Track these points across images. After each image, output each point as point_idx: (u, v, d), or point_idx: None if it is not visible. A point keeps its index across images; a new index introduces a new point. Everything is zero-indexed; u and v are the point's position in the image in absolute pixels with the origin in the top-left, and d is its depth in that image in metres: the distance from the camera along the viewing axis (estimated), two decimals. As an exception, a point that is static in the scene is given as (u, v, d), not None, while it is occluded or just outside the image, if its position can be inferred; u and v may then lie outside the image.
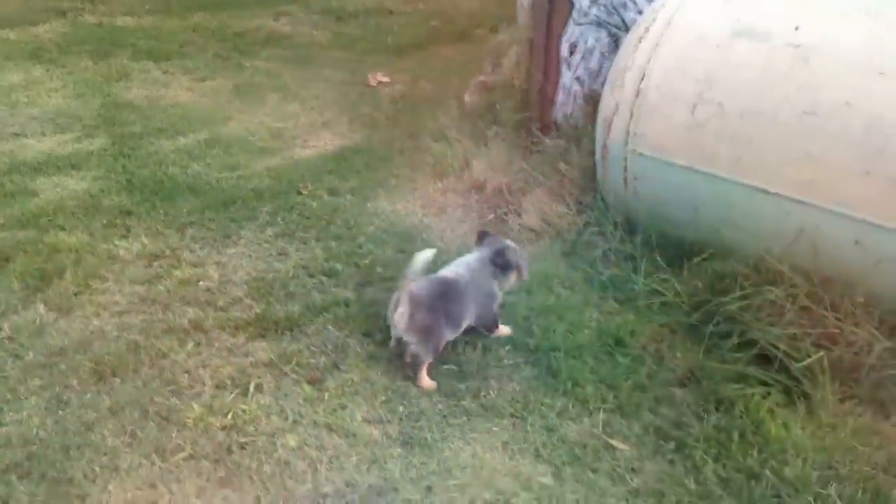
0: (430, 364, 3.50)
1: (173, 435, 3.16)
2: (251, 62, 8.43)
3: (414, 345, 3.45)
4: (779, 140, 3.57)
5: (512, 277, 3.74)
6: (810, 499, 2.87)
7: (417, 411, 3.32)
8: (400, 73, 7.96)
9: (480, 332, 3.75)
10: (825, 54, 3.55)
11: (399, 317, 3.43)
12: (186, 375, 3.50)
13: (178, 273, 4.27)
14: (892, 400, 3.28)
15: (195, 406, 3.30)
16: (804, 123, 3.50)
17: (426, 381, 3.48)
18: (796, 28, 3.66)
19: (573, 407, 3.35)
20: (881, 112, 3.31)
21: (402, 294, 3.43)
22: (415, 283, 3.46)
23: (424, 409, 3.33)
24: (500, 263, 3.69)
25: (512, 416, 3.31)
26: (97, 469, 3.00)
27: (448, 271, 3.66)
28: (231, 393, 3.40)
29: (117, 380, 3.47)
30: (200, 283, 4.20)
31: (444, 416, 3.31)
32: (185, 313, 3.92)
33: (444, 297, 3.51)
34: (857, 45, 3.51)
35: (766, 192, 3.61)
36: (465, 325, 3.62)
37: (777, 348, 3.40)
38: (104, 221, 4.82)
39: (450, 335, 3.55)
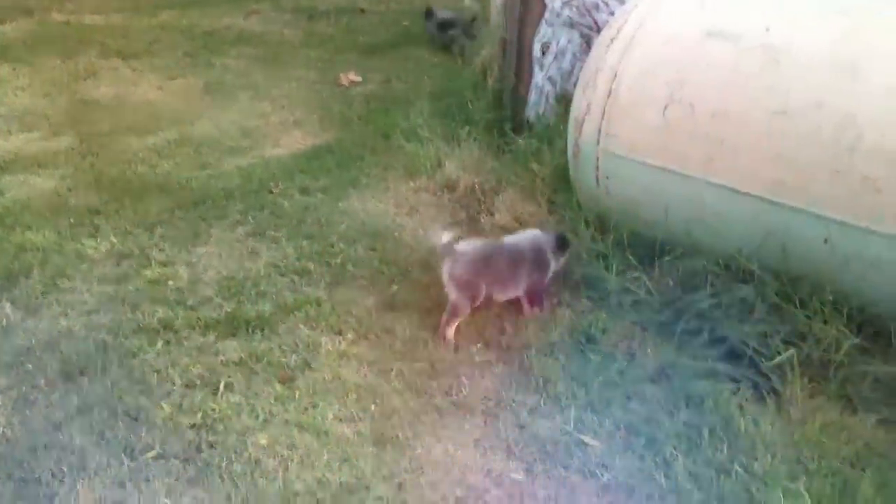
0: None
1: (142, 434, 3.13)
2: (221, 61, 8.36)
3: (453, 296, 3.70)
4: (749, 140, 3.60)
5: (563, 260, 4.00)
6: (779, 493, 2.88)
7: (389, 409, 3.31)
8: (372, 73, 7.93)
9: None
10: (796, 55, 3.58)
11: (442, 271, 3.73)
12: (156, 374, 3.47)
13: (147, 272, 4.23)
14: (859, 396, 3.31)
15: (164, 405, 3.27)
16: (775, 124, 3.53)
17: (450, 334, 3.72)
18: (767, 29, 3.69)
19: (545, 404, 3.35)
20: (851, 111, 3.34)
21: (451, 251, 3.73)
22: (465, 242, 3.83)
23: (396, 407, 3.32)
24: (561, 246, 3.97)
25: (484, 413, 3.31)
26: (65, 469, 2.96)
27: (507, 238, 4.02)
28: (201, 392, 3.37)
29: (85, 379, 3.43)
30: (170, 282, 4.16)
31: (416, 414, 3.30)
32: (154, 313, 3.88)
33: (491, 257, 3.79)
34: (828, 45, 3.54)
35: (736, 191, 3.64)
36: (519, 288, 3.84)
37: (747, 345, 3.43)
38: (72, 220, 4.76)
39: (498, 294, 3.81)
